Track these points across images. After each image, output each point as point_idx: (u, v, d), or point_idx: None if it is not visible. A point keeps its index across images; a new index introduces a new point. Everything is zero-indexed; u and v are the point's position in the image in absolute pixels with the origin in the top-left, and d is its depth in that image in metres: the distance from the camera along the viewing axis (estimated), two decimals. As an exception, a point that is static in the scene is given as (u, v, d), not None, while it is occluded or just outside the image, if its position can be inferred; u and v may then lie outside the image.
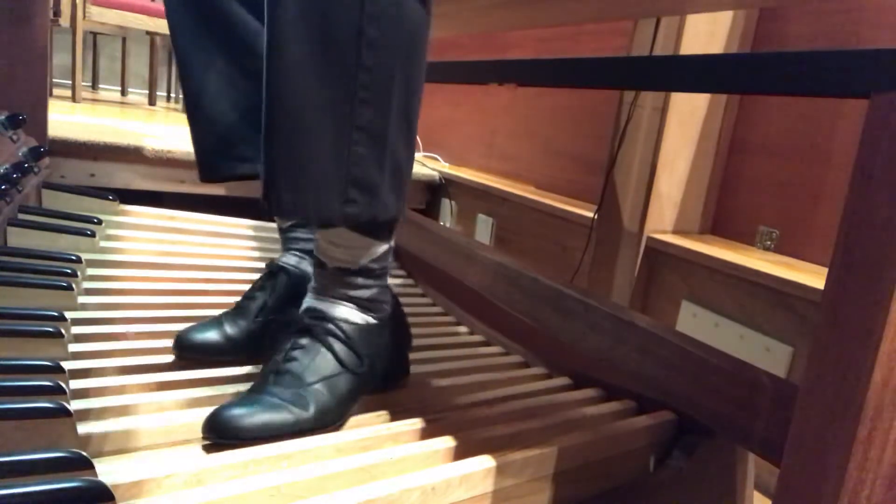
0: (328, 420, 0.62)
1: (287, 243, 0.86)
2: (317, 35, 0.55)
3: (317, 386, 0.63)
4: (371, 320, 0.69)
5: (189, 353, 0.72)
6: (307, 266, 0.82)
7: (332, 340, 0.66)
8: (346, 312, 0.68)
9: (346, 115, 0.57)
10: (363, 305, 0.69)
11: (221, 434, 0.56)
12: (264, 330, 0.75)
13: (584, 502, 0.65)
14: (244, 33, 0.73)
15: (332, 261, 0.68)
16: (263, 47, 0.55)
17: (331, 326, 0.66)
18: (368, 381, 0.68)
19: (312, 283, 0.71)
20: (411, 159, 0.66)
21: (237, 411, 0.57)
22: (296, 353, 0.64)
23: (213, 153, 0.75)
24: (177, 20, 0.72)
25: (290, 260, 0.83)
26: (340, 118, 0.57)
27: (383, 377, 0.72)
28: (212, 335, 0.74)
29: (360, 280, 0.69)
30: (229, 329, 0.75)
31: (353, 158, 0.59)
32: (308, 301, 0.70)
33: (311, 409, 0.61)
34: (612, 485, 0.67)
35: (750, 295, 1.16)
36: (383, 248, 0.69)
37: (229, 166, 0.75)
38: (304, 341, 0.65)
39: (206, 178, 0.76)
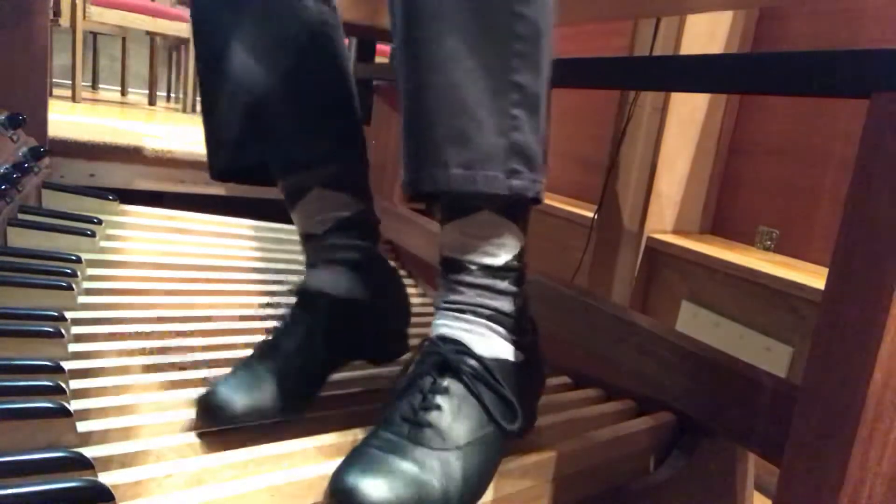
0: (476, 492, 0.51)
1: (319, 253, 0.67)
2: None
3: (465, 449, 0.50)
4: (521, 356, 0.56)
5: (227, 422, 0.56)
6: (348, 283, 0.64)
7: (482, 388, 0.52)
8: (496, 345, 0.55)
9: (503, 68, 0.49)
10: (509, 327, 0.56)
11: None
12: (305, 376, 0.61)
13: (583, 503, 0.65)
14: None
15: (471, 256, 0.55)
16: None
17: (477, 365, 0.53)
18: (517, 438, 0.55)
19: (441, 298, 0.57)
20: (549, 133, 0.55)
21: (369, 481, 0.45)
22: (439, 401, 0.51)
23: (232, 132, 0.64)
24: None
25: (326, 278, 0.65)
26: (498, 72, 0.49)
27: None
28: (250, 398, 0.57)
29: (504, 284, 0.55)
30: (269, 384, 0.58)
31: (514, 122, 0.50)
32: (441, 324, 0.56)
33: (460, 481, 0.49)
34: (612, 485, 0.67)
35: (750, 295, 1.16)
36: (524, 240, 0.57)
37: (250, 148, 0.65)
38: (447, 383, 0.52)
39: (221, 170, 0.67)
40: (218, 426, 0.57)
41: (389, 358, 0.72)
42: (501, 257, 0.55)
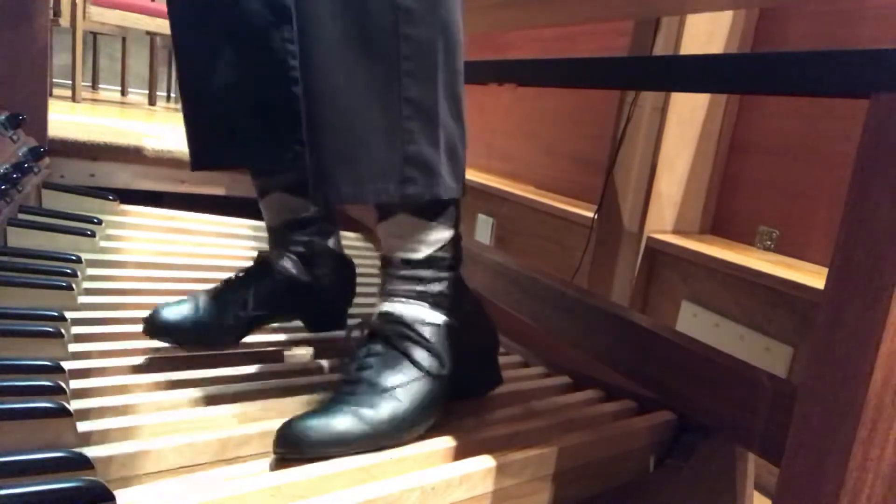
0: (406, 428, 0.58)
1: (276, 241, 0.82)
2: (349, 9, 0.52)
3: (394, 392, 0.58)
4: (448, 319, 0.64)
5: (160, 334, 0.72)
6: (294, 268, 0.80)
7: (408, 345, 0.61)
8: (421, 312, 0.63)
9: (392, 88, 0.54)
10: (436, 302, 0.63)
11: (291, 449, 0.53)
12: (240, 327, 0.76)
13: (583, 502, 0.65)
14: (253, 22, 0.72)
15: (396, 253, 0.63)
16: (295, 37, 0.55)
17: (405, 330, 0.61)
18: (450, 385, 0.63)
19: (381, 285, 0.66)
20: (464, 140, 0.62)
21: (308, 423, 0.53)
22: (370, 361, 0.60)
23: (209, 137, 0.75)
24: (177, 8, 0.72)
25: (277, 259, 0.80)
26: (387, 93, 0.54)
27: (469, 383, 0.67)
28: (184, 314, 0.73)
29: (428, 273, 0.63)
30: (204, 313, 0.74)
31: (407, 136, 0.55)
32: (379, 305, 0.65)
33: (386, 418, 0.56)
34: (612, 485, 0.67)
35: (750, 295, 1.16)
36: (448, 234, 0.64)
37: (224, 153, 0.76)
38: (378, 347, 0.61)
39: (200, 164, 0.76)
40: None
41: (326, 329, 0.86)
42: (422, 252, 0.63)
